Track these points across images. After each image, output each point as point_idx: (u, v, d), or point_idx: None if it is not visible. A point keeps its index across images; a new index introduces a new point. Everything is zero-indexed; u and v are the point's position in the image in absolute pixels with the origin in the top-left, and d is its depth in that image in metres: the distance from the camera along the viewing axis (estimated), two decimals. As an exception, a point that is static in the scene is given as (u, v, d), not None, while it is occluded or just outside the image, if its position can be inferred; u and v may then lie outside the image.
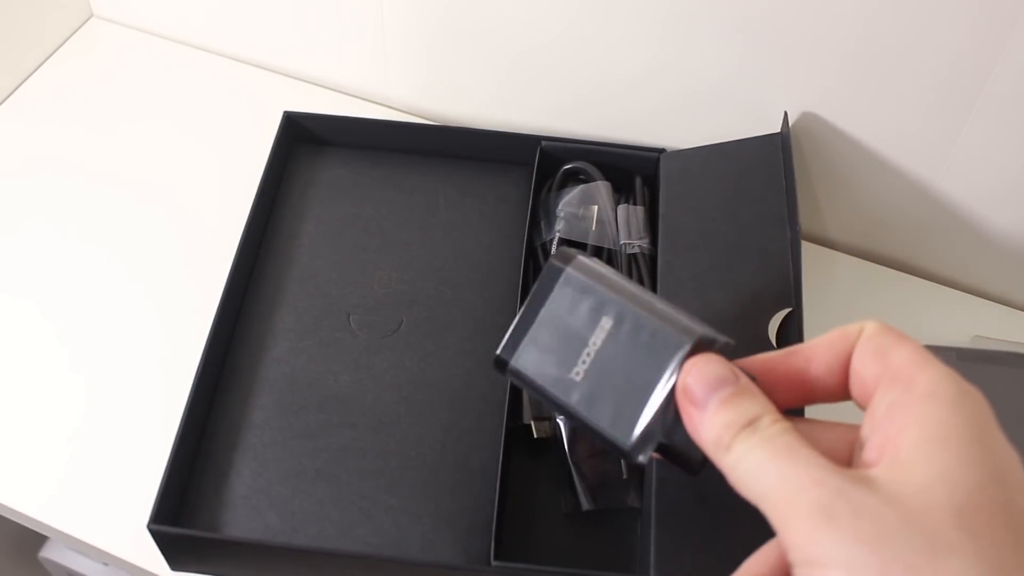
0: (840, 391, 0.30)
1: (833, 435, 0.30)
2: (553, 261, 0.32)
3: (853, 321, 0.59)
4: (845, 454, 0.29)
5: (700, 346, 0.29)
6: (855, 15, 0.49)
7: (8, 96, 0.68)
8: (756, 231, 0.51)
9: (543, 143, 0.58)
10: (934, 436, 0.25)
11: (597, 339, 0.30)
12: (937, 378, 0.26)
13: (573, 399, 0.31)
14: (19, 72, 0.69)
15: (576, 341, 0.31)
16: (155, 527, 0.43)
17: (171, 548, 0.44)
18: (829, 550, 0.23)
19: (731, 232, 0.51)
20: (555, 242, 0.54)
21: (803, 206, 0.61)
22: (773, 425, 0.27)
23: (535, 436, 0.47)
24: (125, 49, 0.72)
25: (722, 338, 0.30)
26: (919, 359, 0.27)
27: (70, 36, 0.72)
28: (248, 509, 0.46)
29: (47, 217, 0.61)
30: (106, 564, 0.67)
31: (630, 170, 0.58)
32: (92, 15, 0.74)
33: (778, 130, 0.55)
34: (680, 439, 0.30)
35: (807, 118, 0.55)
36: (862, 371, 0.28)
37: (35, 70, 0.70)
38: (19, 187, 0.62)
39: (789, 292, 0.47)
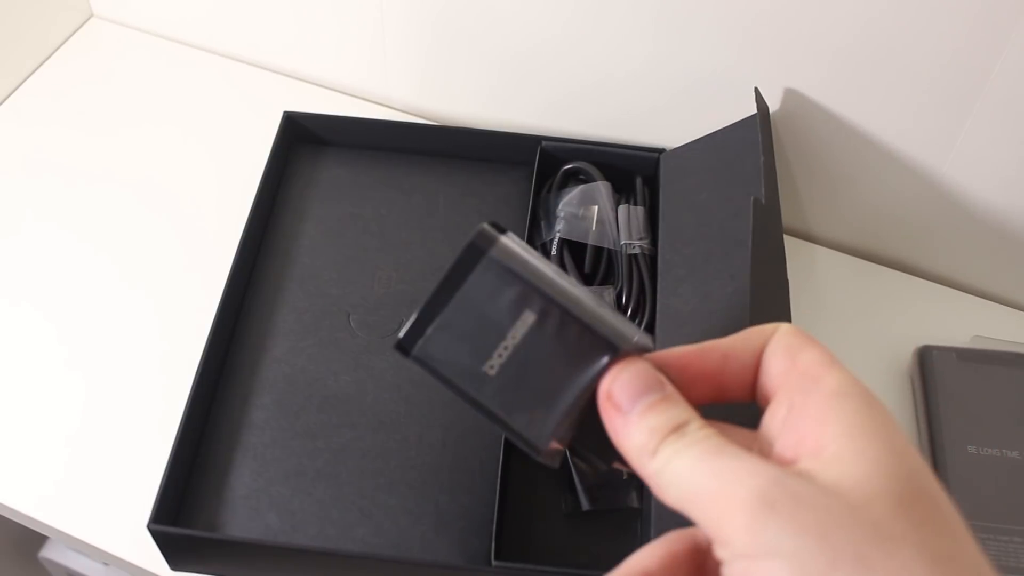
0: (752, 390, 0.29)
1: (738, 438, 0.29)
2: (475, 241, 0.29)
3: (853, 322, 0.59)
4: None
5: (624, 351, 0.28)
6: (855, 14, 0.49)
7: (8, 96, 0.68)
8: (746, 214, 0.50)
9: (543, 143, 0.58)
10: (860, 430, 0.25)
11: (517, 333, 0.28)
12: (844, 378, 0.26)
13: (485, 394, 0.29)
14: (19, 72, 0.69)
15: (493, 333, 0.28)
16: (155, 527, 0.43)
17: (171, 548, 0.44)
18: (772, 541, 0.23)
19: (724, 218, 0.51)
20: (555, 242, 0.54)
21: (803, 206, 0.61)
22: (701, 430, 0.26)
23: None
24: (125, 49, 0.72)
25: (645, 340, 0.29)
26: (827, 360, 0.27)
27: (70, 36, 0.72)
28: (248, 509, 0.46)
29: (47, 216, 0.61)
30: (106, 564, 0.67)
31: (630, 170, 0.58)
32: (92, 15, 0.74)
33: (768, 116, 0.54)
34: (593, 442, 0.29)
35: (807, 118, 0.55)
36: (771, 368, 0.28)
37: (35, 70, 0.70)
38: (19, 187, 0.62)
39: (781, 274, 0.46)
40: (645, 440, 0.26)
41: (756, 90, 0.54)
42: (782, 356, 0.28)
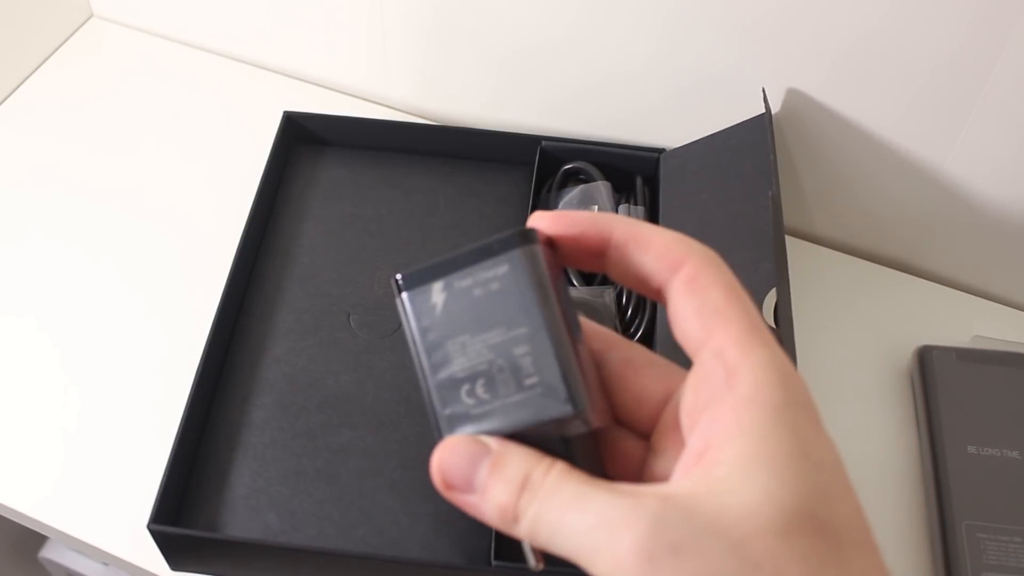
0: (632, 285, 0.28)
1: (648, 379, 0.28)
2: (515, 233, 0.28)
3: (853, 321, 0.59)
4: (659, 403, 0.28)
5: (582, 413, 0.26)
6: (856, 14, 0.49)
7: (8, 96, 0.68)
8: (749, 214, 0.50)
9: (543, 143, 0.58)
10: (756, 453, 0.23)
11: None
12: (760, 377, 0.24)
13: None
14: (19, 72, 0.69)
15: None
16: (155, 527, 0.43)
17: (171, 548, 0.44)
18: None
19: (725, 218, 0.51)
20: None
21: (803, 206, 0.61)
22: (547, 475, 0.25)
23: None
24: (125, 49, 0.72)
25: (591, 421, 0.27)
26: (743, 338, 0.25)
27: (70, 36, 0.72)
28: (248, 509, 0.46)
29: (47, 216, 0.61)
30: (106, 564, 0.67)
31: (630, 170, 0.58)
32: (92, 15, 0.74)
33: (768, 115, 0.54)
34: None
35: (807, 117, 0.55)
36: (685, 325, 0.26)
37: (35, 70, 0.70)
38: (19, 187, 0.62)
39: (783, 270, 0.46)
40: (502, 511, 0.25)
41: (763, 91, 0.54)
42: (694, 316, 0.26)
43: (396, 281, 0.29)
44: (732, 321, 0.25)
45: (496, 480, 0.25)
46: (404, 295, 0.29)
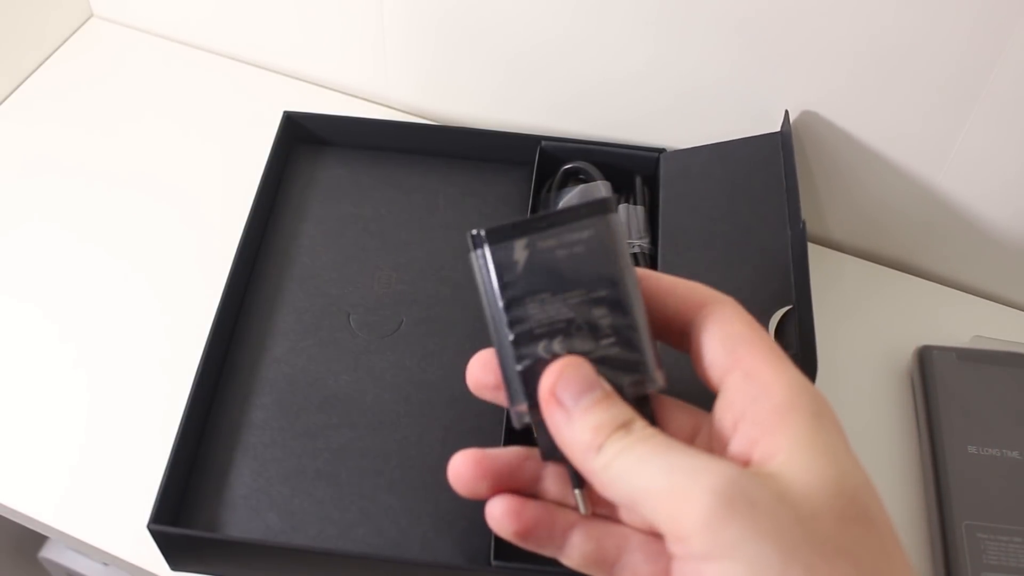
0: (678, 340, 0.30)
1: (676, 414, 0.30)
2: (602, 201, 0.29)
3: (853, 321, 0.59)
4: (688, 438, 0.29)
5: (652, 377, 0.29)
6: (856, 15, 0.49)
7: (8, 96, 0.68)
8: (756, 230, 0.51)
9: (543, 143, 0.58)
10: (808, 443, 0.25)
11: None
12: (792, 388, 0.26)
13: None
14: (19, 72, 0.69)
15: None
16: (155, 527, 0.43)
17: (171, 548, 0.44)
18: (731, 542, 0.23)
19: (731, 231, 0.51)
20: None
21: (803, 206, 0.61)
22: (646, 428, 0.26)
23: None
24: (125, 49, 0.72)
25: (662, 380, 0.29)
26: (769, 359, 0.27)
27: (70, 36, 0.72)
28: (248, 509, 0.46)
29: (47, 217, 0.61)
30: (106, 564, 0.67)
31: (630, 170, 0.58)
32: (92, 15, 0.74)
33: (778, 129, 0.55)
34: (542, 435, 0.29)
35: (807, 117, 0.55)
36: (708, 352, 0.28)
37: (35, 70, 0.70)
38: (19, 187, 0.62)
39: (789, 290, 0.47)
40: (590, 437, 0.27)
41: (786, 112, 0.54)
42: (720, 346, 0.28)
43: (476, 235, 0.29)
44: (758, 346, 0.27)
45: (600, 411, 0.27)
46: (486, 248, 0.29)
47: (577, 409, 0.27)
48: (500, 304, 0.29)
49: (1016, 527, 0.46)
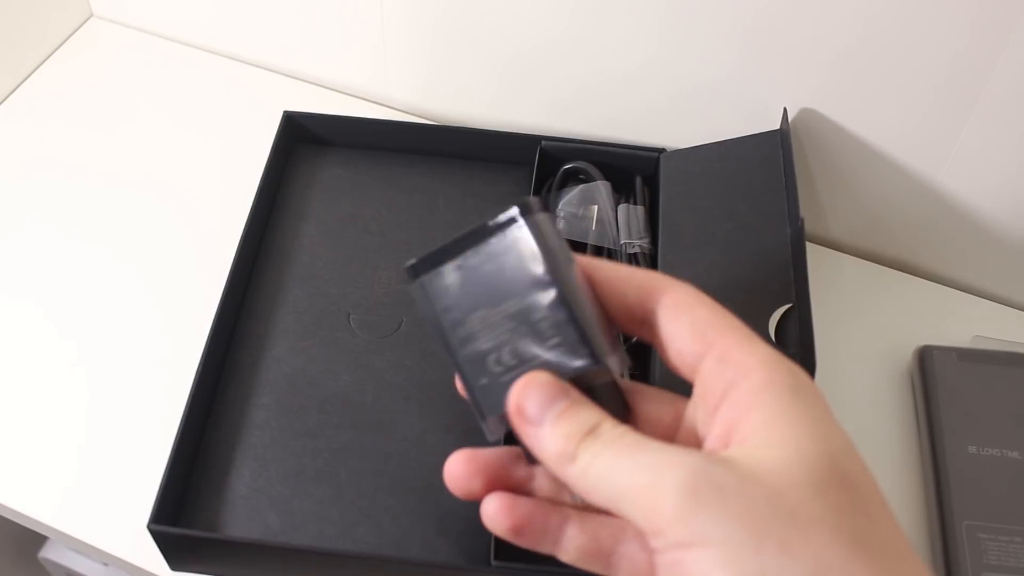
0: (637, 327, 0.30)
1: (657, 405, 0.30)
2: (517, 205, 0.30)
3: (853, 321, 0.59)
4: (671, 427, 0.30)
5: (603, 364, 0.28)
6: (856, 13, 0.49)
7: (8, 96, 0.68)
8: (756, 228, 0.51)
9: (543, 143, 0.58)
10: (783, 418, 0.25)
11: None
12: (770, 369, 0.26)
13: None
14: (19, 72, 0.69)
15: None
16: (155, 527, 0.43)
17: (171, 548, 0.44)
18: (703, 529, 0.23)
19: (731, 230, 0.51)
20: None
21: (803, 205, 0.61)
22: (614, 429, 0.27)
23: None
24: (125, 49, 0.72)
25: (616, 364, 0.29)
26: (742, 342, 0.27)
27: (70, 36, 0.72)
28: (248, 509, 0.46)
29: (47, 217, 0.61)
30: (106, 564, 0.67)
31: (630, 170, 0.58)
32: (92, 15, 0.74)
33: (777, 127, 0.55)
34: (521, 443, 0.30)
35: (807, 116, 0.55)
36: (676, 342, 0.28)
37: (35, 70, 0.70)
38: (19, 187, 0.62)
39: (789, 288, 0.47)
40: (562, 447, 0.27)
41: (784, 110, 0.54)
42: (687, 333, 0.28)
43: (409, 268, 0.30)
44: (727, 329, 0.27)
45: (568, 420, 0.27)
46: (421, 280, 0.30)
47: (545, 423, 0.27)
48: (444, 328, 0.30)
49: (1016, 527, 0.46)
